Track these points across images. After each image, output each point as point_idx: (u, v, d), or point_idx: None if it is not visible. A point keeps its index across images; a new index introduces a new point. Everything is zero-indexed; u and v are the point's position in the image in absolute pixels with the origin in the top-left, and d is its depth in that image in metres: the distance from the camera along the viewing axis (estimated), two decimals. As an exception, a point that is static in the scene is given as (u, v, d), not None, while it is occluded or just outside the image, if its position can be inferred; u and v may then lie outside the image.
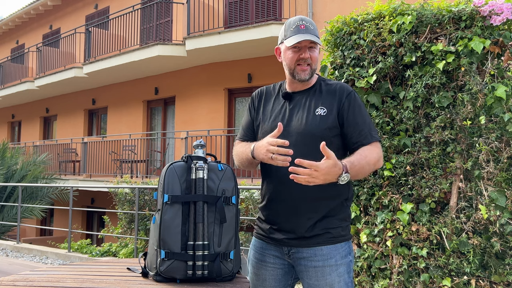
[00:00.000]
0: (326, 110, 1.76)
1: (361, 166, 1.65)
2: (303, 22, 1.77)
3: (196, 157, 1.67)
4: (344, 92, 1.79)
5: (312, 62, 1.79)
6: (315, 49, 1.78)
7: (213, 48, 9.10)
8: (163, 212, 1.60)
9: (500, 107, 2.55)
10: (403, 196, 2.78)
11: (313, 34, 1.76)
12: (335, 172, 1.56)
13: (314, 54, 1.78)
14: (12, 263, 6.82)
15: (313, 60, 1.78)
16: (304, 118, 1.77)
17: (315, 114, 1.76)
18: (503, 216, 2.49)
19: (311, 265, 1.73)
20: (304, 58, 1.77)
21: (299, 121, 1.77)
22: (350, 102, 1.77)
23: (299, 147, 1.71)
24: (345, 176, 1.58)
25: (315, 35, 1.76)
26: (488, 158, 2.57)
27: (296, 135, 1.74)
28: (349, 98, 1.77)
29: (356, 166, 1.64)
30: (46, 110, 16.04)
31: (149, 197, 7.37)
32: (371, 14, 2.98)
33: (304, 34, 1.75)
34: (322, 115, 1.75)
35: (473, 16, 2.66)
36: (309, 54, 1.77)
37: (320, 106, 1.77)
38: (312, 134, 1.72)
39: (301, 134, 1.74)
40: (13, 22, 17.73)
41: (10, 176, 10.89)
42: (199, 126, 10.48)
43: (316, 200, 1.73)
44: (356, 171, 1.64)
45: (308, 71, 1.79)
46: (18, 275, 1.64)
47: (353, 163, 1.63)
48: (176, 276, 1.59)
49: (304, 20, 1.78)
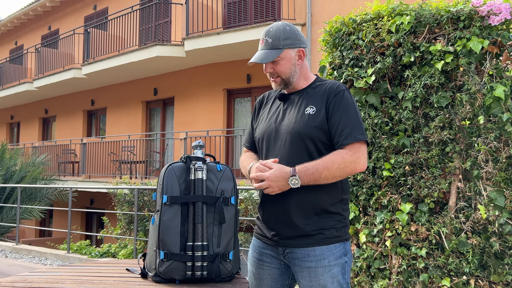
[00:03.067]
0: (315, 109, 1.75)
1: (315, 170, 1.64)
2: (263, 36, 1.80)
3: (195, 158, 1.67)
4: (333, 91, 1.77)
5: (279, 73, 1.80)
6: (279, 61, 1.78)
7: (212, 48, 9.10)
8: (162, 212, 1.60)
9: (498, 107, 2.55)
10: (402, 196, 2.78)
11: (269, 49, 1.77)
12: (282, 177, 1.63)
13: (278, 66, 1.79)
14: (11, 264, 6.82)
15: (279, 72, 1.80)
16: (294, 117, 1.78)
17: (304, 113, 1.76)
18: (502, 216, 2.50)
19: (305, 266, 1.73)
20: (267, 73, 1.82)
21: (289, 121, 1.79)
22: (336, 101, 1.74)
23: (287, 146, 1.74)
24: (294, 179, 1.62)
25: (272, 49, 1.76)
26: (487, 158, 2.57)
27: (286, 134, 1.76)
28: (336, 97, 1.75)
29: (310, 170, 1.64)
30: (45, 111, 16.03)
31: (148, 198, 7.37)
32: (369, 15, 2.99)
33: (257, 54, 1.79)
34: (311, 113, 1.75)
35: (472, 16, 2.66)
36: (272, 67, 1.79)
37: (310, 105, 1.77)
38: (300, 133, 1.72)
39: (290, 133, 1.75)
40: (11, 23, 17.73)
41: (9, 177, 10.88)
42: (198, 126, 10.47)
43: (308, 201, 1.72)
44: (312, 175, 1.64)
45: (278, 81, 1.82)
46: (17, 276, 1.64)
47: (307, 167, 1.65)
48: (175, 277, 1.59)
49: (266, 34, 1.79)
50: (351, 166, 1.68)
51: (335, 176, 1.67)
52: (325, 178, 1.66)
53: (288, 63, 1.79)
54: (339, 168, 1.66)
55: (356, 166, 1.69)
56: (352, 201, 2.99)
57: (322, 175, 1.65)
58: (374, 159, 2.87)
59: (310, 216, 1.73)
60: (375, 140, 2.89)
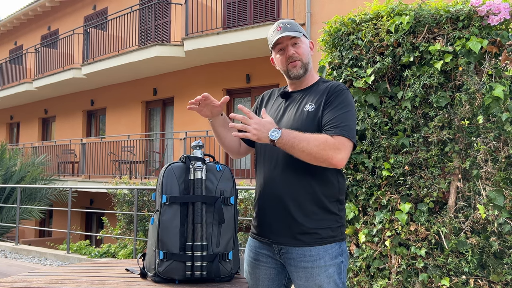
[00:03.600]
0: (314, 106, 1.76)
1: (297, 136, 1.61)
2: (279, 24, 1.83)
3: (194, 158, 1.67)
4: (333, 90, 1.77)
5: (301, 56, 1.81)
6: (300, 45, 1.81)
7: (212, 48, 9.10)
8: (161, 213, 1.60)
9: (498, 106, 2.55)
10: (402, 196, 2.79)
11: (291, 31, 1.79)
12: (267, 126, 1.62)
13: (300, 49, 1.81)
14: (11, 265, 6.82)
15: (301, 54, 1.81)
16: (293, 115, 1.79)
17: (304, 110, 1.77)
18: (501, 215, 2.50)
19: (301, 266, 1.73)
20: (289, 56, 1.81)
21: (289, 117, 1.80)
22: (333, 98, 1.74)
23: None
24: (276, 133, 1.60)
25: (293, 31, 1.79)
26: (486, 157, 2.57)
27: None
28: (335, 95, 1.74)
29: (293, 134, 1.62)
30: (45, 111, 16.03)
31: (148, 198, 7.37)
32: (369, 14, 2.99)
33: (282, 33, 1.80)
34: (310, 111, 1.76)
35: (471, 16, 2.66)
36: (294, 50, 1.81)
37: (309, 102, 1.78)
38: (298, 130, 1.70)
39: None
40: (11, 24, 17.72)
41: (9, 177, 10.88)
42: (198, 126, 10.47)
43: (305, 200, 1.72)
44: (292, 138, 1.61)
45: (299, 65, 1.82)
46: (16, 277, 1.64)
47: (291, 130, 1.65)
48: (174, 277, 1.59)
49: (281, 22, 1.83)
50: (330, 153, 1.61)
51: (310, 152, 1.61)
52: (301, 149, 1.61)
53: (306, 48, 1.84)
54: (318, 147, 1.61)
55: (334, 155, 1.62)
56: (352, 201, 2.99)
57: (300, 144, 1.61)
58: (373, 159, 2.87)
59: (306, 216, 1.72)
60: (374, 140, 2.89)
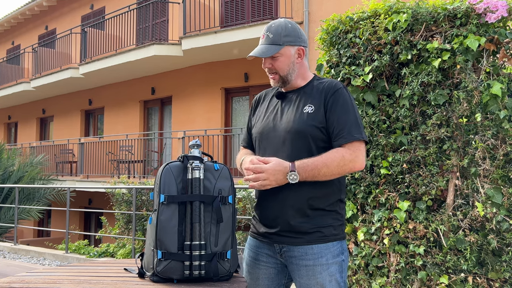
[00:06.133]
0: (314, 107, 1.75)
1: (315, 167, 1.64)
2: (264, 31, 1.81)
3: (192, 157, 1.67)
4: (330, 89, 1.76)
5: (278, 70, 1.79)
6: (278, 58, 1.78)
7: (210, 47, 9.09)
8: (159, 212, 1.60)
9: (495, 104, 2.55)
10: (400, 194, 2.79)
11: (269, 44, 1.77)
12: (282, 171, 1.64)
13: (277, 62, 1.78)
14: (10, 265, 6.81)
15: (277, 68, 1.79)
16: (292, 116, 1.78)
17: (303, 112, 1.76)
18: (500, 213, 2.50)
19: (302, 264, 1.73)
20: (266, 68, 1.81)
21: (288, 119, 1.79)
22: (334, 100, 1.74)
23: (286, 145, 1.74)
24: (293, 175, 1.63)
25: (273, 44, 1.76)
26: (484, 155, 2.57)
27: (285, 133, 1.76)
28: (334, 96, 1.74)
29: (309, 166, 1.65)
30: (43, 111, 16.00)
31: (147, 197, 7.37)
32: (366, 13, 2.98)
33: (257, 48, 1.79)
34: (310, 112, 1.75)
35: (468, 14, 2.66)
36: (271, 63, 1.79)
37: (308, 103, 1.77)
38: (299, 132, 1.72)
39: (289, 132, 1.75)
40: (8, 23, 17.68)
41: (7, 177, 10.86)
42: (196, 125, 10.46)
43: (307, 199, 1.72)
44: (311, 172, 1.64)
45: (276, 79, 1.82)
46: (14, 277, 1.64)
47: (306, 163, 1.66)
48: (173, 276, 1.59)
49: (267, 29, 1.80)
50: (350, 165, 1.68)
51: (333, 173, 1.68)
52: (324, 175, 1.66)
53: (287, 60, 1.79)
54: (339, 166, 1.67)
55: (355, 164, 1.69)
56: (350, 199, 2.99)
57: (321, 172, 1.65)
58: (371, 157, 2.87)
59: (308, 214, 1.72)
60: (372, 138, 2.89)
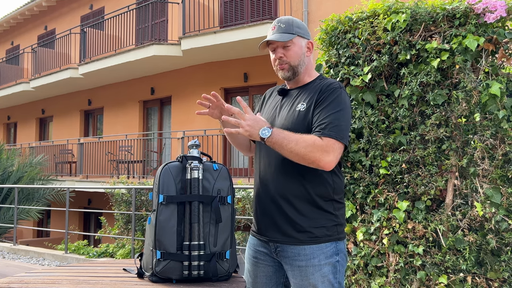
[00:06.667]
0: (306, 105, 1.74)
1: (287, 136, 1.61)
2: (275, 23, 1.80)
3: (191, 157, 1.67)
4: (327, 88, 1.73)
5: (289, 59, 1.78)
6: (290, 47, 1.77)
7: (209, 47, 9.08)
8: (158, 212, 1.60)
9: (494, 104, 2.56)
10: (399, 194, 2.79)
11: (282, 33, 1.76)
12: (260, 123, 1.63)
13: (289, 51, 1.77)
14: (9, 265, 6.80)
15: (289, 58, 1.78)
16: (285, 114, 1.78)
17: (295, 110, 1.76)
18: (499, 213, 2.50)
19: (295, 264, 1.73)
20: (277, 58, 1.79)
21: (282, 116, 1.79)
22: (326, 97, 1.70)
23: None
24: (266, 131, 1.61)
25: (285, 33, 1.76)
26: (483, 155, 2.58)
27: None
28: (326, 94, 1.70)
29: (283, 133, 1.62)
30: (42, 111, 15.98)
31: (146, 198, 7.36)
32: (365, 13, 2.99)
33: (271, 35, 1.77)
34: (301, 110, 1.74)
35: (467, 14, 2.67)
36: (283, 52, 1.78)
37: (302, 101, 1.76)
38: (289, 130, 1.68)
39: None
40: (7, 23, 17.66)
41: (6, 177, 10.85)
42: (195, 126, 10.46)
43: (296, 199, 1.72)
44: (282, 138, 1.61)
45: (286, 68, 1.79)
46: (13, 277, 1.64)
47: (282, 131, 1.64)
48: (172, 277, 1.59)
49: (278, 21, 1.79)
50: (317, 155, 1.60)
51: (298, 153, 1.60)
52: (289, 149, 1.61)
53: (298, 51, 1.78)
54: (306, 148, 1.60)
55: (321, 157, 1.60)
56: (349, 199, 3.00)
57: (289, 145, 1.61)
58: (370, 157, 2.88)
59: (299, 214, 1.72)
60: (371, 138, 2.89)
